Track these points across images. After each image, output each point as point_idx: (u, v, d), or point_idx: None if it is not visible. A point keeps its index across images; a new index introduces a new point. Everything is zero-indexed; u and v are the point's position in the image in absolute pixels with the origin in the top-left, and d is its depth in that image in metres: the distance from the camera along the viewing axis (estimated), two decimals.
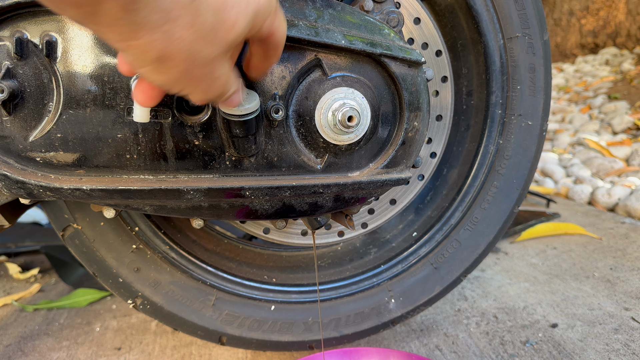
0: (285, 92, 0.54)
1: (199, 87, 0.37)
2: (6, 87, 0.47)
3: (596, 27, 4.90)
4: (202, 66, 0.35)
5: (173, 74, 0.34)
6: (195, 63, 0.34)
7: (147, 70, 0.33)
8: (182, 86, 0.36)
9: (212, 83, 0.37)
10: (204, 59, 0.34)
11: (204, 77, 0.36)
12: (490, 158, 0.85)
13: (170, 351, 0.96)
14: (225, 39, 0.34)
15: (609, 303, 1.05)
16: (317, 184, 0.58)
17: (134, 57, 0.32)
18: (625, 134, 2.69)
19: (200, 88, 0.37)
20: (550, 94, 0.84)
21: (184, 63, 0.33)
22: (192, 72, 0.35)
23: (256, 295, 0.83)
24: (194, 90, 0.37)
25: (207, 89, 0.37)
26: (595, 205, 1.82)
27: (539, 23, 0.80)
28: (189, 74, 0.35)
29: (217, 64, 0.36)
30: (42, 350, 0.99)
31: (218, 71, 0.37)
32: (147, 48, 0.31)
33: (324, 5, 0.55)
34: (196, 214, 0.59)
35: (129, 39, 0.30)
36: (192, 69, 0.34)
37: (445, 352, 0.91)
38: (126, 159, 0.53)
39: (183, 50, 0.32)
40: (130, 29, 0.29)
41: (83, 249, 0.76)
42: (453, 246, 0.87)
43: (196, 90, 0.37)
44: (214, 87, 0.38)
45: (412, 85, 0.60)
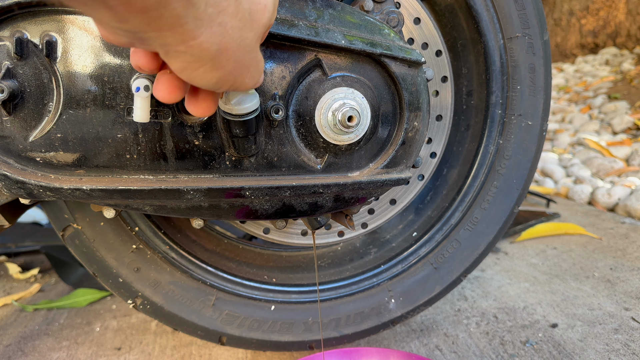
0: (285, 92, 0.54)
1: (249, 74, 0.37)
2: (6, 87, 0.47)
3: (596, 27, 4.90)
4: (250, 51, 0.35)
5: (228, 67, 0.34)
6: (245, 50, 0.34)
7: (204, 71, 0.33)
8: (234, 78, 0.36)
9: (257, 67, 0.38)
10: (249, 45, 0.35)
11: (251, 63, 0.36)
12: (490, 158, 0.85)
13: (170, 351, 0.96)
14: (261, 22, 0.35)
15: (609, 303, 1.05)
16: (317, 184, 0.58)
17: (192, 58, 0.31)
18: (625, 134, 2.69)
19: (249, 74, 0.37)
20: (550, 94, 0.84)
21: (237, 52, 0.33)
22: (244, 60, 0.35)
23: (256, 295, 0.83)
24: (244, 78, 0.37)
25: (254, 73, 0.38)
26: (595, 205, 1.82)
27: (539, 23, 0.80)
28: (242, 63, 0.35)
29: (257, 48, 0.37)
30: (42, 350, 0.99)
31: (259, 54, 0.38)
32: (207, 44, 0.31)
33: (324, 5, 0.55)
34: (196, 214, 0.59)
35: (190, 38, 0.30)
36: (243, 57, 0.34)
37: (445, 352, 0.91)
38: (126, 159, 0.53)
39: (235, 38, 0.32)
40: (191, 27, 0.29)
41: (83, 249, 0.76)
42: (453, 246, 0.87)
43: (246, 77, 0.37)
44: (259, 70, 0.39)
45: (412, 85, 0.60)
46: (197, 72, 0.33)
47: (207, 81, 0.34)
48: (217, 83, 0.35)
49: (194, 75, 0.33)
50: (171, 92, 0.38)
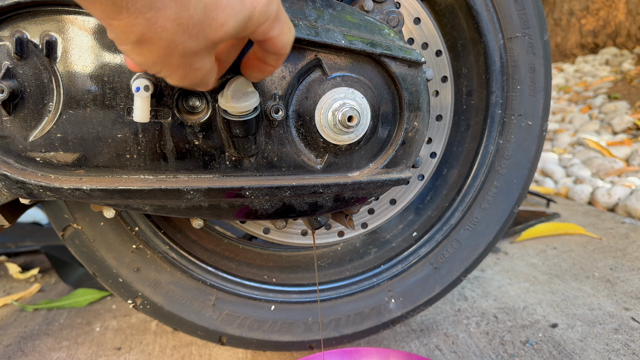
0: (285, 92, 0.54)
1: (176, 74, 0.37)
2: (6, 87, 0.47)
3: (596, 27, 4.90)
4: (182, 56, 0.35)
5: (150, 58, 0.35)
6: (174, 52, 0.35)
7: (127, 49, 0.34)
8: (159, 69, 0.37)
9: (190, 73, 0.38)
10: (183, 51, 0.35)
11: (182, 66, 0.37)
12: (490, 158, 0.85)
13: (170, 351, 0.96)
14: (211, 37, 0.35)
15: (609, 303, 1.05)
16: (317, 184, 0.58)
17: (114, 34, 0.33)
18: (625, 134, 2.69)
19: (176, 75, 0.38)
20: (550, 94, 0.84)
21: (162, 50, 0.34)
22: (170, 60, 0.35)
23: (256, 295, 0.83)
24: (170, 75, 0.38)
25: (183, 77, 0.38)
26: (595, 205, 1.82)
27: (539, 23, 0.80)
28: (167, 61, 0.35)
29: (197, 57, 0.37)
30: (42, 350, 0.99)
31: (197, 64, 0.37)
32: (127, 30, 0.32)
33: (324, 5, 0.55)
34: (196, 214, 0.59)
35: (111, 18, 0.31)
36: (170, 57, 0.35)
37: (445, 352, 0.91)
38: (126, 159, 0.53)
39: (163, 38, 0.33)
40: (113, 9, 0.30)
41: (83, 249, 0.76)
42: (453, 246, 0.87)
43: (172, 76, 0.38)
44: (191, 76, 0.38)
45: (412, 85, 0.60)
46: (122, 47, 0.34)
47: (132, 59, 0.35)
48: (142, 66, 0.36)
49: (124, 50, 0.35)
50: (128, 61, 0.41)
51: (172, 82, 0.39)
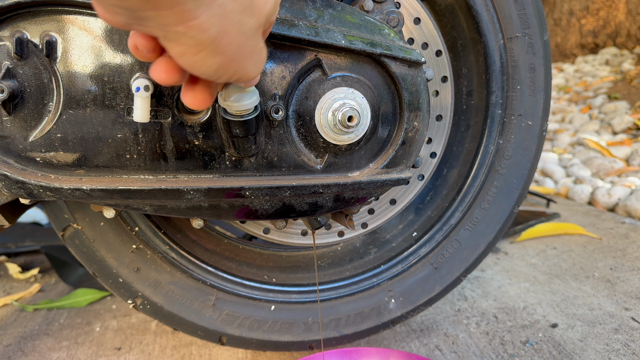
0: (285, 92, 0.54)
1: (251, 62, 0.36)
2: (6, 87, 0.47)
3: (596, 27, 4.90)
4: (251, 38, 0.34)
5: (229, 52, 0.33)
6: (246, 35, 0.34)
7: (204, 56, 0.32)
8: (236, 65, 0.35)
9: (259, 56, 0.37)
10: (251, 31, 0.34)
11: (253, 51, 0.36)
12: (490, 158, 0.85)
13: (170, 351, 0.96)
14: (263, 10, 0.35)
15: (609, 303, 1.05)
16: (317, 184, 0.58)
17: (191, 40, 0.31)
18: (625, 134, 2.69)
19: (251, 63, 0.36)
20: (550, 94, 0.84)
21: (238, 37, 0.33)
22: (245, 46, 0.34)
23: (256, 295, 0.83)
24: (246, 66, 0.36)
25: (257, 62, 0.37)
26: (595, 205, 1.82)
27: (539, 23, 0.80)
28: (243, 49, 0.34)
29: (259, 36, 0.36)
30: (42, 350, 0.99)
31: (261, 42, 0.37)
32: (207, 26, 0.30)
33: (324, 5, 0.55)
34: (196, 214, 0.59)
35: (190, 18, 0.29)
36: (244, 42, 0.34)
37: (445, 352, 0.91)
38: (126, 159, 0.53)
39: (235, 22, 0.32)
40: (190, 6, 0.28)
41: (83, 249, 0.76)
42: (453, 246, 0.87)
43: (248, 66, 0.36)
44: (261, 59, 0.38)
45: (412, 85, 0.60)
46: (198, 56, 0.32)
47: (208, 68, 0.34)
48: (218, 70, 0.34)
49: (194, 61, 0.33)
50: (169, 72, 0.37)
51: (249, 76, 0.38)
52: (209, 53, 0.32)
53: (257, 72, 0.39)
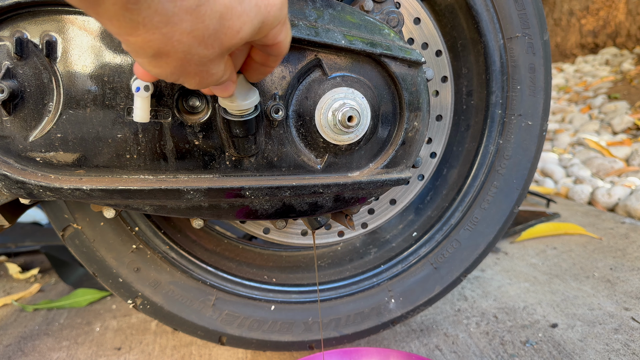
0: (285, 92, 0.54)
1: (193, 81, 0.38)
2: (6, 87, 0.47)
3: (596, 27, 4.90)
4: (198, 65, 0.36)
5: (167, 69, 0.35)
6: (191, 62, 0.35)
7: (143, 62, 0.35)
8: (176, 78, 0.37)
9: (206, 78, 0.38)
10: (200, 60, 0.35)
11: (198, 73, 0.37)
12: (490, 158, 0.85)
13: (170, 351, 0.96)
14: (226, 44, 0.35)
15: (609, 303, 1.05)
16: (317, 184, 0.58)
17: (131, 49, 0.34)
18: (625, 134, 2.69)
19: (193, 81, 0.38)
20: (550, 94, 0.84)
21: (179, 61, 0.34)
22: (187, 69, 0.36)
23: (256, 295, 0.83)
24: (187, 82, 0.38)
25: (200, 82, 0.39)
26: (595, 205, 1.82)
27: (539, 23, 0.80)
28: (184, 70, 0.36)
29: (213, 64, 0.37)
30: (42, 350, 0.99)
31: (213, 69, 0.38)
32: (144, 45, 0.32)
33: (324, 5, 0.55)
34: (196, 214, 0.59)
35: (128, 34, 0.31)
36: (187, 66, 0.35)
37: (445, 352, 0.91)
38: (126, 159, 0.53)
39: (179, 51, 0.33)
40: (129, 25, 0.30)
41: (83, 249, 0.76)
42: (453, 246, 0.87)
43: (189, 82, 0.38)
44: (207, 81, 0.39)
45: (412, 85, 0.60)
46: (138, 60, 0.35)
47: (150, 71, 0.36)
48: (159, 76, 0.37)
49: (140, 63, 0.35)
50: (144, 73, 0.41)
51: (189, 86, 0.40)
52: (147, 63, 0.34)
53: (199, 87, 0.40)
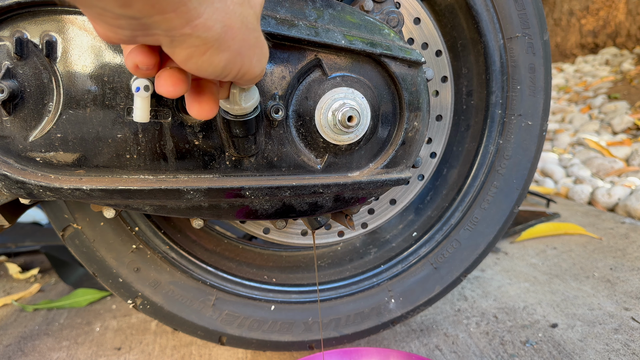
0: (285, 92, 0.54)
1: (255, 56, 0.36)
2: (6, 87, 0.47)
3: (596, 27, 4.90)
4: (253, 30, 0.34)
5: (234, 47, 0.33)
6: (248, 27, 0.34)
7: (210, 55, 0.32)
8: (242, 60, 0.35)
9: (262, 49, 0.37)
10: (251, 22, 0.34)
11: (256, 43, 0.36)
12: (490, 158, 0.85)
13: (170, 351, 0.96)
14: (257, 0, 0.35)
15: (609, 303, 1.05)
16: (317, 184, 0.58)
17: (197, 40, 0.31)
18: (625, 134, 2.69)
19: (256, 56, 0.36)
20: (550, 94, 0.84)
21: (241, 30, 0.33)
22: (249, 39, 0.34)
23: (256, 295, 0.83)
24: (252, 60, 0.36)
25: (261, 56, 0.37)
26: (595, 205, 1.82)
27: (539, 23, 0.80)
28: (247, 42, 0.34)
29: (259, 27, 0.36)
30: (42, 350, 0.99)
31: (262, 35, 0.37)
32: (211, 22, 0.30)
33: (324, 5, 0.55)
34: (196, 214, 0.59)
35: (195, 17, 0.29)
36: (247, 35, 0.34)
37: (445, 352, 0.91)
38: (126, 159, 0.53)
39: (237, 15, 0.32)
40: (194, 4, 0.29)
41: (83, 249, 0.76)
42: (453, 246, 0.87)
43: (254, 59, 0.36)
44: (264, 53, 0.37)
45: (412, 85, 0.60)
46: (204, 57, 0.32)
47: (215, 66, 0.34)
48: (225, 68, 0.34)
49: (201, 62, 0.33)
50: (175, 84, 0.37)
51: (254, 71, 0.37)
52: (215, 51, 0.32)
53: (261, 67, 0.38)
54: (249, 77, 0.38)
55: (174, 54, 0.32)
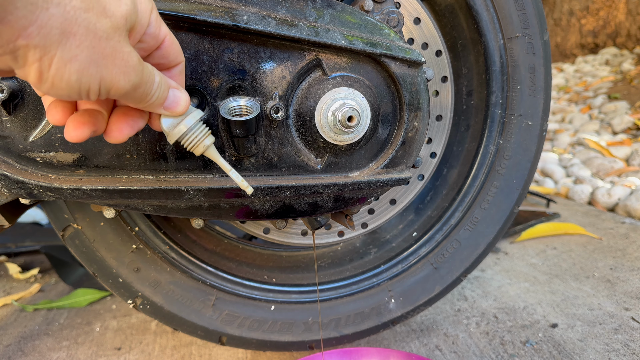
0: (285, 92, 0.54)
1: (117, 68, 0.33)
2: (6, 87, 0.47)
3: (596, 27, 4.90)
4: (107, 39, 0.32)
5: (83, 55, 0.31)
6: (98, 36, 0.31)
7: (58, 66, 0.30)
8: (98, 72, 0.32)
9: (127, 60, 0.34)
10: (104, 31, 0.32)
11: (114, 54, 0.33)
12: (490, 158, 0.85)
13: (170, 351, 0.96)
14: (118, 12, 0.33)
15: (609, 303, 1.05)
16: (317, 184, 0.58)
17: (38, 51, 0.29)
18: (625, 134, 2.69)
19: (118, 69, 0.33)
20: (550, 94, 0.84)
21: (87, 37, 0.31)
22: (101, 48, 0.32)
23: (256, 295, 0.83)
24: (112, 73, 0.33)
25: (125, 68, 0.34)
26: (595, 205, 1.82)
27: (539, 23, 0.80)
28: (99, 51, 0.32)
29: (122, 39, 0.33)
30: (42, 350, 0.99)
31: (127, 47, 0.34)
32: (46, 29, 0.29)
33: (324, 5, 0.55)
34: (196, 214, 0.59)
35: (25, 26, 0.28)
36: (98, 43, 0.31)
37: (445, 352, 0.91)
38: (126, 159, 0.53)
39: (80, 21, 0.30)
40: (24, 12, 0.27)
41: (83, 249, 0.76)
42: (453, 246, 0.87)
43: (114, 72, 0.33)
44: (131, 66, 0.34)
45: (412, 85, 0.60)
46: (52, 70, 0.30)
47: (68, 80, 0.31)
48: (80, 81, 0.31)
49: (52, 79, 0.31)
50: (77, 127, 0.37)
51: (120, 86, 0.34)
52: (61, 60, 0.30)
53: (128, 81, 0.35)
54: (116, 92, 0.35)
55: (27, 76, 0.31)
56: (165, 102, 0.40)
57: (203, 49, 0.50)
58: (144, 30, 0.37)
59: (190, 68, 0.50)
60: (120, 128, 0.41)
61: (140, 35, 0.37)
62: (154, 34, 0.38)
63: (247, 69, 0.52)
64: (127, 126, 0.41)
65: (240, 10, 0.50)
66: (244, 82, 0.52)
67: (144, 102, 0.38)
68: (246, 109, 0.51)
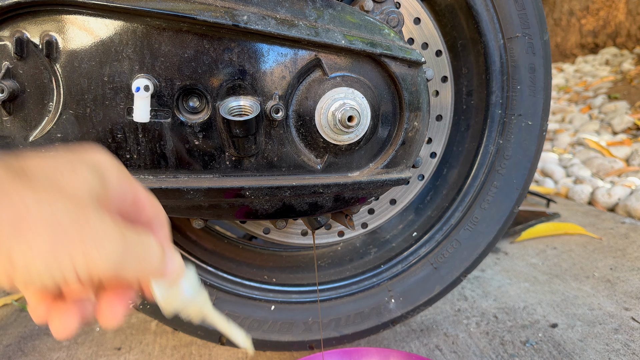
0: (285, 92, 0.54)
1: (90, 243, 0.28)
2: (6, 87, 0.47)
3: (596, 27, 4.90)
4: (69, 219, 0.28)
5: (43, 242, 0.27)
6: (56, 218, 0.28)
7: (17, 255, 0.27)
8: (67, 252, 0.28)
9: (106, 236, 0.29)
10: (63, 212, 0.28)
11: (80, 232, 0.28)
12: (490, 158, 0.85)
13: (170, 351, 0.96)
14: (77, 189, 0.30)
15: (609, 303, 1.05)
16: (317, 184, 0.58)
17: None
18: (625, 134, 2.69)
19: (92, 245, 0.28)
20: (550, 94, 0.84)
21: (44, 222, 0.27)
22: (61, 230, 0.28)
23: (256, 295, 0.83)
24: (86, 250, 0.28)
25: (103, 243, 0.29)
26: (595, 205, 1.82)
27: (539, 23, 0.80)
28: (60, 233, 0.28)
29: (92, 215, 0.29)
30: (42, 350, 0.99)
31: (100, 222, 0.29)
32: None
33: (324, 5, 0.55)
34: (196, 214, 0.59)
35: None
36: (57, 226, 0.28)
37: (445, 352, 0.91)
38: (126, 159, 0.53)
39: (33, 210, 0.27)
40: None
41: None
42: (453, 246, 0.87)
43: (88, 247, 0.28)
44: (113, 240, 0.30)
45: (412, 85, 0.60)
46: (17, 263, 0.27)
47: (31, 265, 0.27)
48: (47, 263, 0.27)
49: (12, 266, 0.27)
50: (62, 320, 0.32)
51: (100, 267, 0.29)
52: (20, 253, 0.27)
53: (108, 259, 0.29)
54: (98, 271, 0.29)
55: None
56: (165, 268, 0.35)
57: (203, 49, 0.50)
58: (116, 192, 0.34)
59: (190, 68, 0.50)
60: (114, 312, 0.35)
61: (114, 199, 0.34)
62: (123, 192, 0.35)
63: (247, 69, 0.52)
64: (120, 304, 0.35)
65: (240, 10, 0.50)
66: (244, 82, 0.52)
67: (140, 272, 0.33)
68: (246, 109, 0.51)
